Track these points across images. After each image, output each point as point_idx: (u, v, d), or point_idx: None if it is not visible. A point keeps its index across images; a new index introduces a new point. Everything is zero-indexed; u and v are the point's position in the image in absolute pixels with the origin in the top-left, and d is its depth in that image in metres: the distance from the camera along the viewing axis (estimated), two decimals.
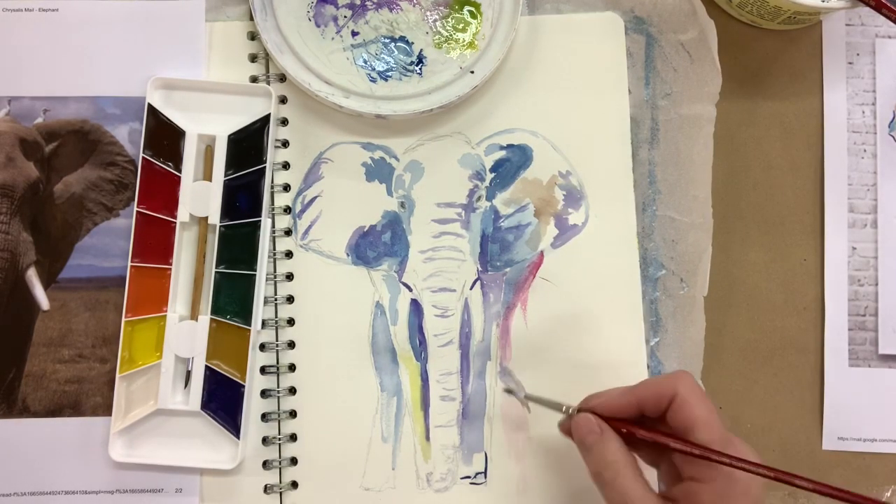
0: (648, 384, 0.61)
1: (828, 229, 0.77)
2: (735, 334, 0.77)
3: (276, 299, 0.73)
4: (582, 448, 0.62)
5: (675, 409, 0.59)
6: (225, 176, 0.73)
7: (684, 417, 0.58)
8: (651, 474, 0.62)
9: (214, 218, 0.72)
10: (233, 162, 0.73)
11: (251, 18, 0.74)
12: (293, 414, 0.72)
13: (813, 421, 0.76)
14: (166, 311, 0.72)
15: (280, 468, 0.72)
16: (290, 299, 0.73)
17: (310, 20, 0.75)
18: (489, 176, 0.75)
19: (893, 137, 0.78)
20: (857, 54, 0.79)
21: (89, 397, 0.72)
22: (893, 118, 0.78)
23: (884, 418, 0.76)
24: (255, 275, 0.72)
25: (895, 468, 0.76)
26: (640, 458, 0.63)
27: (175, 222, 0.72)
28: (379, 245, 0.74)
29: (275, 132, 0.74)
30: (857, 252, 0.77)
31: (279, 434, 0.72)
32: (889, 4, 0.72)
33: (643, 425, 0.61)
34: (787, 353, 0.76)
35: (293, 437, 0.72)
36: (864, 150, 0.78)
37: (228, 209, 0.73)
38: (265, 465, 0.72)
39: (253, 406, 0.72)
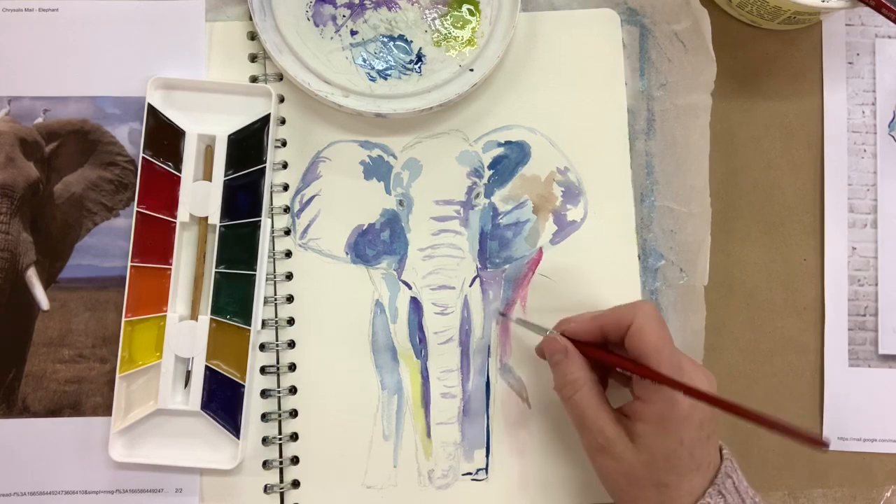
0: (611, 313, 0.65)
1: (828, 229, 0.77)
2: (735, 334, 0.77)
3: (275, 299, 0.73)
4: (551, 365, 0.67)
5: (630, 335, 0.63)
6: (225, 176, 0.73)
7: (637, 343, 0.62)
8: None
9: (214, 218, 0.72)
10: (233, 162, 0.73)
11: (251, 18, 0.74)
12: (294, 413, 0.72)
13: (813, 421, 0.76)
14: (166, 311, 0.72)
15: (281, 468, 0.72)
16: (290, 299, 0.73)
17: (308, 20, 0.75)
18: (487, 173, 0.75)
19: (893, 137, 0.78)
20: (857, 54, 0.79)
21: (89, 397, 0.72)
22: (893, 118, 0.78)
23: (884, 418, 0.76)
24: (254, 275, 0.72)
25: (895, 468, 0.75)
26: (615, 377, 0.69)
27: (175, 222, 0.72)
28: (378, 243, 0.74)
29: (275, 132, 0.74)
30: (857, 252, 0.77)
31: (279, 434, 0.72)
32: (889, 4, 0.73)
33: (604, 348, 0.66)
34: (787, 353, 0.76)
35: (294, 437, 0.72)
36: (864, 150, 0.78)
37: (228, 209, 0.73)
38: (265, 464, 0.72)
39: (253, 406, 0.72)
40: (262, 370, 0.73)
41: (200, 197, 0.73)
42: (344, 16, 0.75)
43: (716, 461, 0.62)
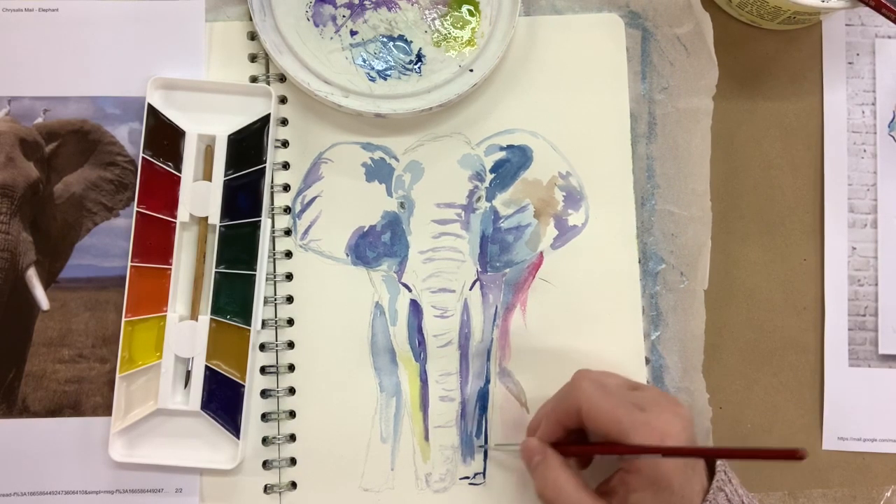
0: (558, 405, 0.66)
1: (828, 229, 0.77)
2: (735, 334, 0.77)
3: (275, 299, 0.73)
4: (530, 471, 0.66)
5: (584, 420, 0.63)
6: (225, 176, 0.73)
7: (594, 425, 0.63)
8: None
9: (214, 218, 0.72)
10: (233, 162, 0.73)
11: (251, 18, 0.74)
12: (292, 414, 0.72)
13: (813, 421, 0.76)
14: (166, 311, 0.72)
15: (280, 468, 0.72)
16: (290, 299, 0.73)
17: (308, 20, 0.75)
18: (489, 176, 0.75)
19: (893, 137, 0.78)
20: (857, 54, 0.79)
21: (89, 397, 0.72)
22: (893, 118, 0.78)
23: (884, 418, 0.76)
24: (255, 275, 0.72)
25: (895, 468, 0.76)
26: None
27: (175, 222, 0.72)
28: (378, 245, 0.74)
29: (275, 132, 0.74)
30: (857, 252, 0.77)
31: (279, 434, 0.72)
32: (889, 4, 0.72)
33: (579, 439, 0.66)
34: (787, 353, 0.76)
35: (292, 438, 0.72)
36: (864, 150, 0.78)
37: (228, 209, 0.73)
38: (265, 465, 0.72)
39: (253, 406, 0.72)
40: (263, 370, 0.73)
41: (200, 197, 0.73)
42: (344, 16, 0.75)
43: (703, 483, 0.62)
